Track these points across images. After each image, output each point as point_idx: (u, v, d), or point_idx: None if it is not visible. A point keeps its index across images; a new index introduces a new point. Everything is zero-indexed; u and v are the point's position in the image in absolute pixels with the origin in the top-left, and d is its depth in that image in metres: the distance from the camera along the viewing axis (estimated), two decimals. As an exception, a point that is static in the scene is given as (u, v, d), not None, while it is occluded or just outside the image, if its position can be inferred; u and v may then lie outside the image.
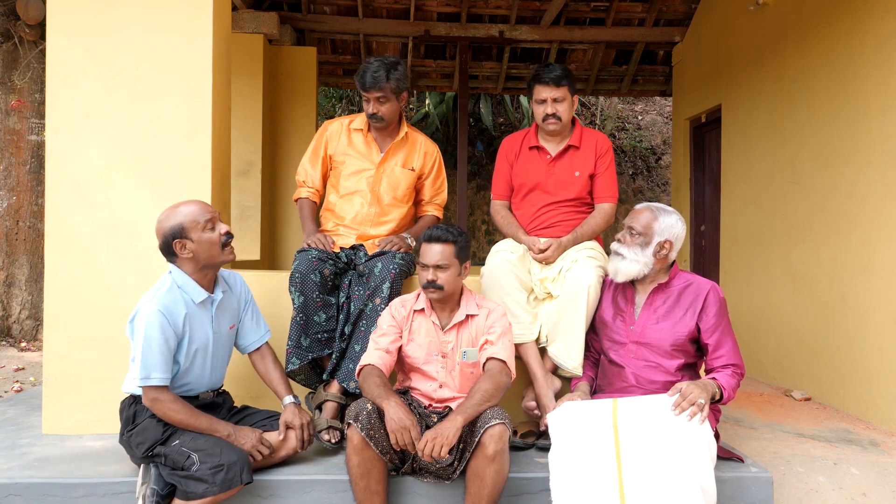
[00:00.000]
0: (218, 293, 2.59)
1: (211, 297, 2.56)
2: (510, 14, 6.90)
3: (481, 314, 2.64)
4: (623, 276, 2.64)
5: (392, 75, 3.04)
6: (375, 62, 3.06)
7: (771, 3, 4.96)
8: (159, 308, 2.39)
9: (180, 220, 2.45)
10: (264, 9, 6.27)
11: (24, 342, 5.77)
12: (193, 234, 2.45)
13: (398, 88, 3.08)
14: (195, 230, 2.45)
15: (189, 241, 2.45)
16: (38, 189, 5.82)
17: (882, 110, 3.79)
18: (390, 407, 2.31)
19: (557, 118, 3.06)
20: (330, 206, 3.25)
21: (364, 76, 3.04)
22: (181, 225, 2.45)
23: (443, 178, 3.41)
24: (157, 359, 2.37)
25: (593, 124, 10.80)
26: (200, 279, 2.52)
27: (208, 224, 2.47)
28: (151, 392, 2.39)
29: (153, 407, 2.40)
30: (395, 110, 3.14)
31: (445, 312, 2.66)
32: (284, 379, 2.73)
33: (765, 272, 5.04)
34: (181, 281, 2.49)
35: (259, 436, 2.48)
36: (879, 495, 2.87)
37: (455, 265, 2.58)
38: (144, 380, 2.37)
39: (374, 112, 3.09)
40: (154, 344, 2.37)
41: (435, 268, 2.56)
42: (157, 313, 2.38)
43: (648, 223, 2.62)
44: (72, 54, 3.06)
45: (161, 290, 2.46)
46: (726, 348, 2.56)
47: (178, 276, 2.50)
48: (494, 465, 2.30)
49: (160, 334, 2.38)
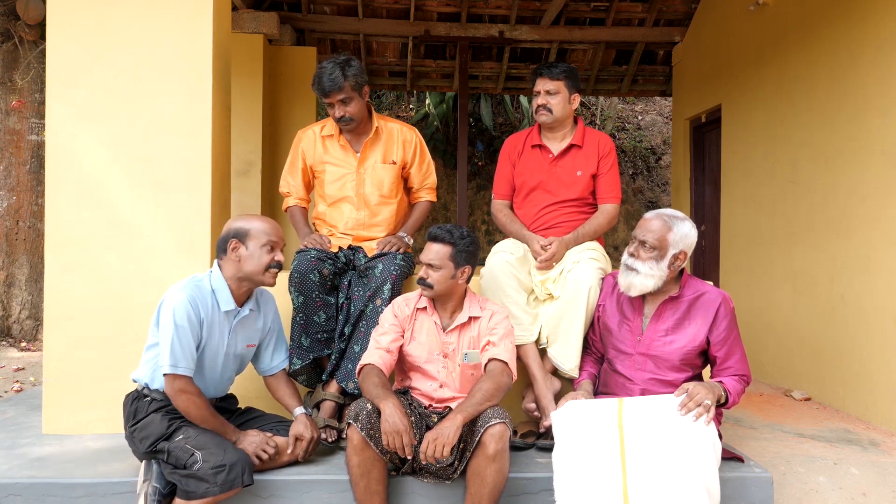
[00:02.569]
0: (246, 309, 2.60)
1: (237, 310, 2.57)
2: (510, 14, 6.90)
3: (484, 316, 2.62)
4: (637, 291, 2.56)
5: (349, 72, 2.96)
6: (328, 64, 2.98)
7: (771, 3, 4.96)
8: (188, 298, 2.41)
9: (249, 227, 2.52)
10: (264, 9, 6.27)
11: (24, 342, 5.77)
12: (251, 244, 2.50)
13: (358, 84, 3.00)
14: (255, 241, 2.51)
15: (243, 247, 2.50)
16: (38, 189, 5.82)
17: (882, 110, 3.79)
18: (387, 408, 2.31)
19: (548, 110, 3.06)
20: (320, 215, 3.22)
21: (321, 82, 2.96)
22: (247, 230, 2.52)
23: (428, 161, 3.31)
24: (185, 348, 2.38)
25: (593, 124, 10.80)
26: (236, 289, 2.55)
27: (268, 244, 2.52)
28: (178, 382, 2.38)
29: (176, 398, 2.38)
30: (362, 107, 3.06)
31: (447, 313, 2.65)
32: (295, 392, 2.73)
33: (765, 272, 5.04)
34: (217, 284, 2.52)
35: (264, 438, 2.49)
36: (879, 495, 2.87)
37: (448, 267, 2.55)
38: (173, 367, 2.36)
39: (342, 115, 3.02)
40: (182, 332, 2.38)
41: (427, 265, 2.55)
42: (186, 302, 2.40)
43: (663, 235, 2.51)
44: (72, 54, 3.06)
45: (194, 282, 2.49)
46: (734, 359, 2.54)
47: (217, 278, 2.53)
48: (495, 465, 2.30)
49: (188, 323, 2.39)
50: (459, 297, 2.65)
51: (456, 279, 2.57)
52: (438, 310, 2.65)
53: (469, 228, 2.65)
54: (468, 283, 2.66)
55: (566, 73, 3.06)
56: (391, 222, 3.19)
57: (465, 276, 2.60)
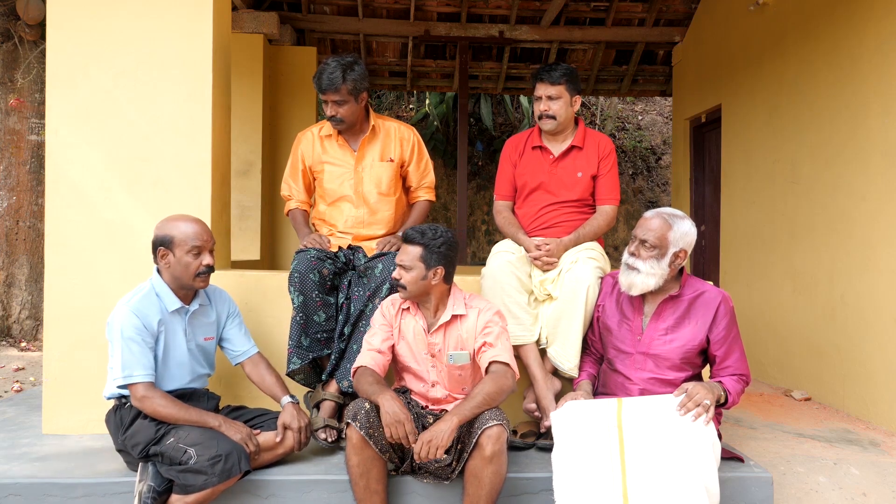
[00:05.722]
0: (194, 305, 2.64)
1: (185, 308, 2.61)
2: (510, 14, 6.90)
3: (470, 315, 2.57)
4: (638, 290, 2.56)
5: (349, 76, 2.95)
6: (332, 62, 2.96)
7: (771, 3, 4.96)
8: (132, 310, 2.48)
9: (173, 233, 2.54)
10: (264, 9, 6.27)
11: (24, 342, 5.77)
12: (177, 251, 2.53)
13: (356, 89, 2.99)
14: (181, 248, 2.53)
15: (171, 255, 2.53)
16: (38, 189, 5.82)
17: (882, 110, 3.79)
18: (385, 401, 2.31)
19: (551, 116, 3.05)
20: (320, 214, 3.23)
21: (320, 78, 2.96)
22: (172, 238, 2.53)
23: (426, 160, 3.30)
24: (136, 357, 2.44)
25: (593, 124, 10.80)
26: (177, 290, 2.59)
27: (193, 250, 2.54)
28: (138, 389, 2.44)
29: (141, 404, 2.44)
30: (356, 111, 3.06)
31: (431, 313, 2.61)
32: (280, 381, 2.74)
33: (765, 272, 5.04)
34: (159, 288, 2.58)
35: (248, 432, 2.49)
36: (879, 495, 2.87)
37: (419, 268, 2.51)
38: (127, 377, 2.43)
39: (333, 115, 3.02)
40: (131, 343, 2.44)
41: (400, 266, 2.54)
42: (131, 314, 2.47)
43: (663, 234, 2.51)
44: (72, 54, 3.06)
45: (138, 294, 2.55)
46: (734, 358, 2.54)
47: (158, 282, 2.59)
48: (492, 466, 2.29)
49: (136, 334, 2.45)
50: (439, 296, 2.59)
51: (428, 280, 2.52)
52: (422, 310, 2.62)
53: (449, 228, 2.61)
54: (449, 283, 2.61)
55: (567, 78, 3.04)
56: (390, 221, 3.19)
57: (438, 276, 2.53)
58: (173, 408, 2.44)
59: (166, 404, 2.43)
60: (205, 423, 2.44)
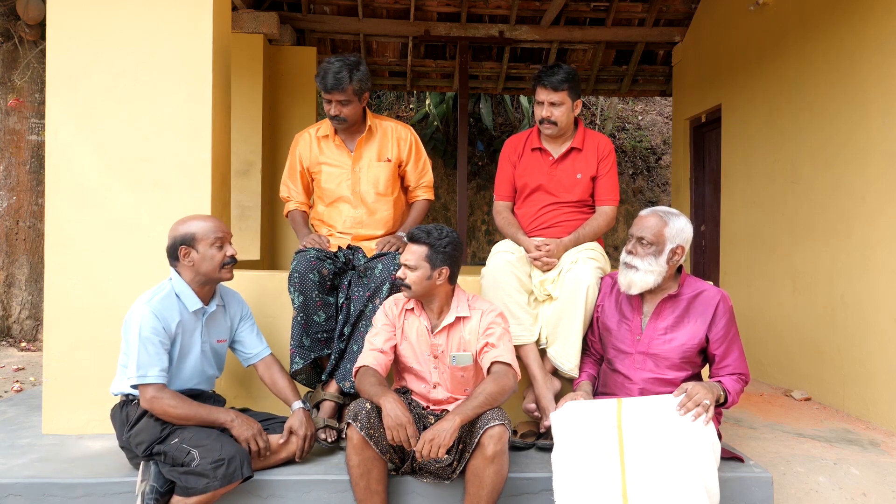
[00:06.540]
0: (212, 305, 2.65)
1: (204, 308, 2.62)
2: (510, 14, 6.90)
3: (474, 316, 2.58)
4: (638, 288, 2.56)
5: (355, 76, 2.97)
6: (337, 62, 2.98)
7: (771, 3, 4.96)
8: (153, 311, 2.47)
9: (193, 230, 2.55)
10: (264, 9, 6.27)
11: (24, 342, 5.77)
12: (200, 247, 2.54)
13: (360, 89, 3.02)
14: (203, 243, 2.55)
15: (194, 252, 2.54)
16: (38, 189, 5.82)
17: (882, 110, 3.79)
18: (387, 403, 2.31)
19: (552, 123, 3.04)
20: (318, 215, 3.23)
21: (326, 77, 2.96)
22: (193, 234, 2.55)
23: (424, 160, 3.30)
24: (152, 358, 2.43)
25: (593, 124, 10.80)
26: (198, 289, 2.60)
27: (217, 242, 2.57)
28: (149, 390, 2.42)
29: (151, 405, 2.42)
30: (358, 111, 3.08)
31: (434, 314, 2.62)
32: (292, 385, 2.75)
33: (765, 272, 5.04)
34: (179, 288, 2.57)
35: (259, 428, 2.50)
36: (879, 495, 2.87)
37: (424, 268, 2.51)
38: (141, 378, 2.41)
39: (337, 114, 3.03)
40: (149, 343, 2.43)
41: (405, 266, 2.54)
42: (151, 315, 2.46)
43: (659, 230, 2.52)
44: (72, 54, 3.06)
45: (159, 294, 2.54)
46: (733, 357, 2.54)
47: (178, 282, 2.58)
48: (493, 466, 2.30)
49: (154, 335, 2.44)
50: (444, 297, 2.60)
51: (433, 280, 2.53)
52: (426, 310, 2.63)
53: (452, 229, 2.62)
54: (453, 283, 2.62)
55: (569, 83, 3.00)
56: (389, 221, 3.19)
57: (443, 276, 2.54)
58: (183, 407, 2.43)
59: (176, 404, 2.43)
60: (216, 420, 2.45)
